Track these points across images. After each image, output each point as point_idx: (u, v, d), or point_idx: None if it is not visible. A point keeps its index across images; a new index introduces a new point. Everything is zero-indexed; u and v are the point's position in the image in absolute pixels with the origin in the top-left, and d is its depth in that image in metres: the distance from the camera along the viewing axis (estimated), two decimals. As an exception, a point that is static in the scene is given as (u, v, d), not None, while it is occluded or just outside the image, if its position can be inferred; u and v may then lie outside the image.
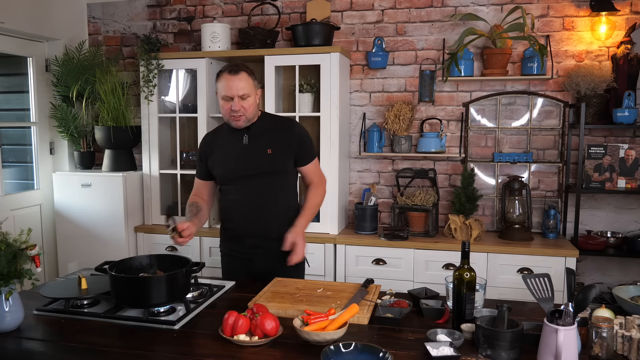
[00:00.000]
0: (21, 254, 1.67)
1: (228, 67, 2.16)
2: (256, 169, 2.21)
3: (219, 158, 2.27)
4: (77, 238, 3.55)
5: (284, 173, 2.27)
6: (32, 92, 3.70)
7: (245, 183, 2.23)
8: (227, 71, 2.15)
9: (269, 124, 2.28)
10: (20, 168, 3.84)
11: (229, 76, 2.13)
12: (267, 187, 2.23)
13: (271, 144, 2.22)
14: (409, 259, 3.13)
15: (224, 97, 2.15)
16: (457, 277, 1.65)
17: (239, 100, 2.13)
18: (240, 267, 2.28)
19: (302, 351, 1.51)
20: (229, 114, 2.16)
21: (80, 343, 1.59)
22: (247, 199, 2.24)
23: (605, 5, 3.11)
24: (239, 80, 2.13)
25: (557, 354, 1.35)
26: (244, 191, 2.24)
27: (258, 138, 2.24)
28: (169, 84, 3.68)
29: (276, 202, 2.25)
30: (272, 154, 2.21)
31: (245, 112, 2.16)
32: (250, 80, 2.17)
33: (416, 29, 3.48)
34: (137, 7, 3.93)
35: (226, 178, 2.27)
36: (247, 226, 2.25)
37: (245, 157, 2.22)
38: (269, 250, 2.23)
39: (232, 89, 2.12)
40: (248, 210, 2.24)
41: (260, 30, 3.45)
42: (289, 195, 2.32)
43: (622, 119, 3.04)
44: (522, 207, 3.21)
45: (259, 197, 2.22)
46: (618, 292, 1.84)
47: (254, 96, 2.19)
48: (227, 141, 2.27)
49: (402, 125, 3.38)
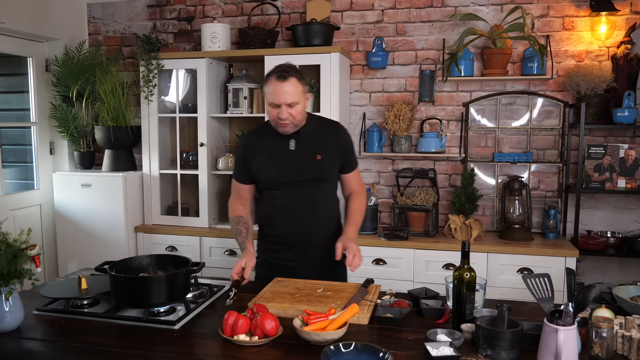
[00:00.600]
0: (21, 254, 1.67)
1: (277, 72, 2.03)
2: (304, 176, 2.13)
3: (264, 162, 2.17)
4: (77, 238, 3.55)
5: (330, 180, 2.21)
6: (32, 92, 3.70)
7: (291, 189, 2.15)
8: (275, 76, 2.02)
9: (316, 128, 2.18)
10: (20, 168, 3.84)
11: (277, 82, 2.01)
12: (313, 193, 2.15)
13: (320, 150, 2.14)
14: (409, 259, 3.13)
15: (271, 104, 2.05)
16: (457, 277, 1.65)
17: (286, 107, 2.02)
18: (281, 275, 2.16)
19: (302, 351, 1.51)
20: (276, 121, 2.06)
21: (80, 343, 1.59)
22: (292, 205, 2.15)
23: (605, 5, 3.11)
24: (288, 87, 2.00)
25: (557, 354, 1.35)
26: (289, 197, 2.15)
27: (306, 143, 2.14)
28: (169, 84, 3.68)
29: (321, 209, 2.18)
30: (321, 160, 2.13)
31: (293, 119, 2.06)
32: (300, 87, 2.04)
33: (416, 29, 3.48)
34: (137, 7, 3.93)
35: (271, 183, 2.18)
36: (290, 233, 2.18)
37: (292, 162, 2.13)
38: (313, 258, 2.18)
39: (280, 96, 2.00)
40: (291, 217, 2.16)
41: (260, 30, 3.45)
42: (333, 202, 2.26)
43: (622, 119, 3.04)
44: (522, 207, 3.21)
45: (304, 203, 2.14)
46: (618, 292, 1.84)
47: (302, 103, 2.07)
48: (271, 145, 2.17)
49: (402, 125, 3.38)
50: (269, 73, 2.07)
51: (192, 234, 3.46)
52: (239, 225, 2.22)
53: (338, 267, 2.19)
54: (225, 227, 3.52)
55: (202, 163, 3.51)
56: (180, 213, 3.64)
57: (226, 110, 3.61)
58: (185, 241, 3.47)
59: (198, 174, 3.54)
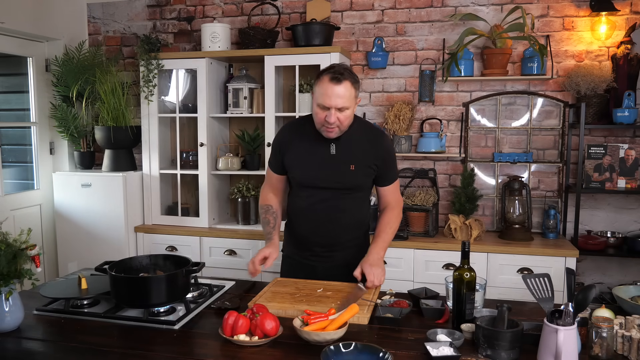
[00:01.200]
0: (21, 254, 1.67)
1: (331, 72, 1.93)
2: (335, 184, 2.07)
3: (300, 161, 2.10)
4: (77, 238, 3.55)
5: (362, 190, 2.14)
6: (32, 92, 3.70)
7: (321, 193, 2.09)
8: (329, 76, 1.92)
9: (359, 135, 2.08)
10: (20, 168, 3.84)
11: (330, 84, 1.90)
12: (342, 201, 2.09)
13: (355, 159, 2.05)
14: (409, 259, 3.13)
15: (320, 105, 1.94)
16: (457, 277, 1.65)
17: (336, 112, 1.92)
18: (301, 273, 2.16)
19: (302, 351, 1.51)
20: (322, 123, 1.97)
21: (80, 343, 1.59)
22: (319, 209, 2.10)
23: (605, 5, 3.11)
24: (341, 90, 1.90)
25: (557, 354, 1.35)
26: (317, 200, 2.10)
27: (344, 150, 2.06)
28: (169, 84, 3.68)
29: (348, 216, 2.12)
30: (354, 171, 2.05)
31: (340, 124, 1.96)
32: (353, 91, 1.95)
33: (416, 29, 3.48)
34: (137, 7, 3.93)
35: (302, 184, 2.13)
36: (314, 235, 2.13)
37: (328, 168, 2.06)
38: (333, 260, 2.13)
39: (332, 99, 1.90)
40: (317, 220, 2.11)
41: (260, 30, 3.45)
42: (362, 210, 2.18)
43: (622, 119, 3.04)
44: (522, 207, 3.21)
45: (332, 209, 2.09)
46: (618, 292, 1.84)
47: (352, 108, 1.98)
48: (311, 145, 2.08)
49: (402, 125, 3.38)
50: (322, 71, 1.97)
51: (192, 234, 3.46)
52: (267, 214, 2.19)
53: None
54: (225, 227, 3.52)
55: (202, 163, 3.51)
56: (180, 213, 3.64)
57: (226, 110, 3.61)
58: (185, 241, 3.47)
59: (198, 174, 3.54)
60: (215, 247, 3.43)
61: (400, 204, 2.21)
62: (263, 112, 3.44)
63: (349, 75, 1.94)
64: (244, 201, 3.54)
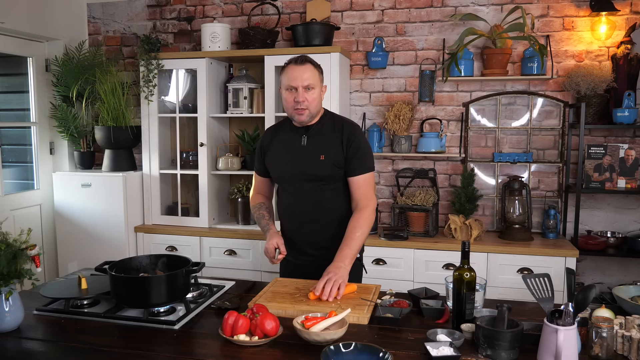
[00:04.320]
0: (21, 254, 1.67)
1: (294, 58, 2.08)
2: (308, 175, 2.11)
3: (277, 157, 2.18)
4: (77, 238, 3.55)
5: (336, 181, 2.13)
6: (32, 92, 3.70)
7: (298, 186, 2.13)
8: (293, 61, 2.07)
9: (329, 126, 2.14)
10: (20, 168, 3.84)
11: (295, 66, 2.05)
12: (319, 193, 2.11)
13: (325, 149, 2.10)
14: (409, 259, 3.13)
15: (287, 87, 2.06)
16: (457, 277, 1.65)
17: (303, 91, 2.03)
18: (295, 272, 2.19)
19: (302, 351, 1.51)
20: (292, 106, 2.06)
21: (80, 343, 1.59)
22: (298, 204, 2.15)
23: (605, 5, 3.11)
24: (305, 71, 2.04)
25: (557, 354, 1.35)
26: (296, 195, 2.15)
27: (315, 140, 2.12)
28: (169, 84, 3.68)
29: (327, 210, 2.13)
30: (324, 161, 2.09)
31: (309, 105, 2.05)
32: (317, 73, 2.08)
33: (416, 29, 3.48)
34: (137, 7, 3.93)
35: (280, 179, 2.20)
36: (299, 233, 2.17)
37: (300, 160, 2.12)
38: (324, 258, 2.06)
39: (297, 79, 2.03)
40: (299, 215, 2.15)
41: (260, 30, 3.45)
42: (338, 203, 2.15)
43: (622, 119, 3.04)
44: (522, 207, 3.21)
45: (310, 203, 2.12)
46: (618, 292, 1.84)
47: (319, 90, 2.09)
48: (286, 140, 2.17)
49: (402, 125, 3.38)
50: (285, 62, 2.09)
51: (192, 234, 3.46)
52: (260, 210, 2.25)
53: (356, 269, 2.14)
54: (225, 227, 3.52)
55: (202, 163, 3.51)
56: (180, 213, 3.64)
57: (226, 110, 3.61)
58: (185, 241, 3.47)
59: (198, 174, 3.53)
60: (215, 247, 3.43)
61: (371, 203, 2.11)
62: (263, 112, 3.44)
63: (311, 60, 2.09)
64: (244, 201, 3.53)
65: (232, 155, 3.60)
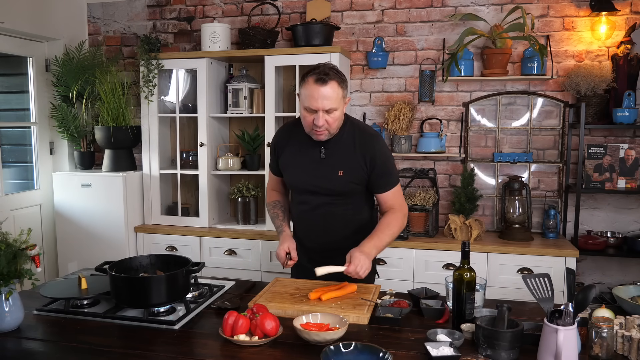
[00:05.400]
0: (21, 254, 1.67)
1: (316, 73, 1.85)
2: (323, 189, 2.01)
3: (291, 164, 2.06)
4: (77, 238, 3.55)
5: (353, 195, 2.04)
6: (32, 92, 3.70)
7: (311, 198, 2.05)
8: (314, 78, 1.84)
9: (349, 138, 1.99)
10: (20, 168, 3.84)
11: (316, 86, 1.83)
12: (333, 207, 2.02)
13: (344, 165, 1.97)
14: (409, 259, 3.13)
15: (307, 108, 1.88)
16: (457, 277, 1.65)
17: (324, 114, 1.85)
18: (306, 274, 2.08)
19: (302, 351, 1.51)
20: (311, 127, 1.90)
21: (80, 343, 1.59)
22: (311, 215, 2.07)
23: (605, 5, 3.11)
24: (327, 91, 1.83)
25: (557, 354, 1.35)
26: (309, 206, 2.06)
27: (334, 154, 1.98)
28: (169, 84, 3.68)
29: (341, 223, 2.05)
30: (342, 177, 1.97)
31: (329, 127, 1.89)
32: (340, 92, 1.87)
33: (416, 29, 3.48)
34: (137, 7, 3.93)
35: (293, 187, 2.12)
36: (310, 240, 2.10)
37: (316, 173, 2.00)
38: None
39: (318, 101, 1.83)
40: (312, 225, 2.08)
41: (260, 30, 3.45)
42: (359, 215, 2.09)
43: (622, 119, 3.04)
44: (522, 207, 3.21)
45: (324, 216, 2.03)
46: (618, 292, 1.84)
47: (341, 109, 1.90)
48: (303, 148, 2.02)
49: (402, 125, 3.38)
50: (306, 73, 1.89)
51: (192, 234, 3.46)
52: (275, 209, 2.18)
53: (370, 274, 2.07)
54: (225, 227, 3.52)
55: (202, 163, 3.51)
56: (180, 213, 3.64)
57: (226, 110, 3.61)
58: (185, 241, 3.47)
59: (198, 174, 3.53)
60: (215, 247, 3.43)
61: (403, 209, 2.06)
62: (263, 112, 3.44)
63: (335, 74, 1.87)
64: (244, 201, 3.54)
65: (232, 155, 3.60)
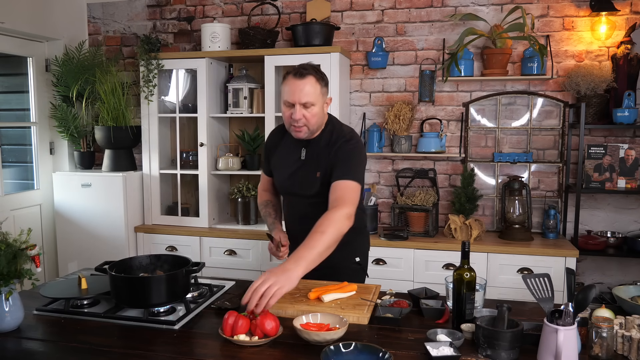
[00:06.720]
0: (21, 254, 1.67)
1: (295, 69, 1.91)
2: (302, 190, 2.05)
3: (277, 166, 2.12)
4: (77, 238, 3.55)
5: None
6: (32, 92, 3.70)
7: (295, 200, 2.10)
8: (292, 73, 1.90)
9: (328, 139, 2.00)
10: (20, 168, 3.84)
11: (294, 80, 1.88)
12: (313, 208, 1.99)
13: (321, 166, 1.98)
14: (409, 259, 3.13)
15: (285, 103, 1.92)
16: (457, 277, 1.65)
17: (300, 108, 1.88)
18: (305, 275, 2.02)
19: (302, 351, 1.51)
20: (290, 122, 1.93)
21: (80, 343, 1.59)
22: (296, 214, 2.11)
23: (605, 5, 3.11)
24: (304, 86, 1.87)
25: (557, 354, 1.35)
26: (294, 205, 2.12)
27: (313, 156, 2.01)
28: (169, 84, 3.68)
29: None
30: (319, 178, 1.99)
31: (307, 122, 1.91)
32: (318, 87, 1.90)
33: (416, 29, 3.48)
34: (137, 7, 3.93)
35: (280, 189, 2.17)
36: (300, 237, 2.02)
37: (296, 174, 2.04)
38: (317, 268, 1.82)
39: (295, 94, 1.87)
40: (297, 225, 2.11)
41: (260, 30, 3.45)
42: None
43: (622, 119, 3.04)
44: (522, 207, 3.21)
45: (305, 218, 2.01)
46: (618, 292, 1.84)
47: (320, 105, 1.92)
48: (288, 149, 2.07)
49: (402, 125, 3.38)
50: (287, 72, 1.95)
51: (192, 234, 3.46)
52: (267, 208, 2.21)
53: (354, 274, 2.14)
54: (225, 227, 3.52)
55: (202, 163, 3.51)
56: (180, 213, 3.64)
57: (226, 110, 3.61)
58: (185, 241, 3.47)
59: (198, 174, 3.54)
60: (215, 247, 3.43)
61: (347, 207, 1.86)
62: (263, 112, 3.44)
63: (314, 71, 1.91)
64: (244, 201, 3.54)
65: (232, 155, 3.60)
